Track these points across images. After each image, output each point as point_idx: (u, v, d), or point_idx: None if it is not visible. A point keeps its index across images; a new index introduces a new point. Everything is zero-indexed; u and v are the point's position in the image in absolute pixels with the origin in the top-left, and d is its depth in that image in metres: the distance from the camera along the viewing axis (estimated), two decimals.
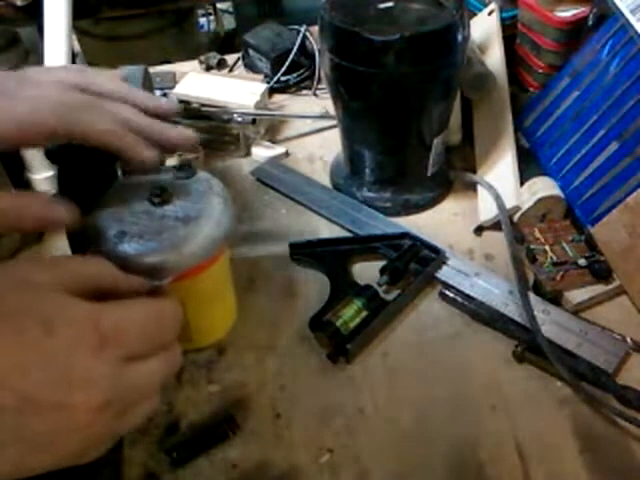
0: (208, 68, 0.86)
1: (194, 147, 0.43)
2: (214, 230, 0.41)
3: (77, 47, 1.54)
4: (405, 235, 0.59)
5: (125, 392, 0.30)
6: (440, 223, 0.63)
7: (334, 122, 0.71)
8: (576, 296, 0.53)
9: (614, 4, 0.57)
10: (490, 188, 0.62)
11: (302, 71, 0.82)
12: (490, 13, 0.74)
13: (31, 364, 0.27)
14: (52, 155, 0.42)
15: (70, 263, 0.32)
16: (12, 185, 0.59)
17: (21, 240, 0.61)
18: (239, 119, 0.70)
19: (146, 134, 0.40)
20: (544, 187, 0.60)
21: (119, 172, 0.45)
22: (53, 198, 0.37)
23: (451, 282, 0.55)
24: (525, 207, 0.59)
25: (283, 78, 0.81)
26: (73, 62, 0.65)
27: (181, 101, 0.72)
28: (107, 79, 0.41)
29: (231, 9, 1.79)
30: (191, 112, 0.71)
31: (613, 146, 0.57)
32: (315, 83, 0.81)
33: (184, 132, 0.43)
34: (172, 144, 0.42)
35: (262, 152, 0.72)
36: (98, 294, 0.31)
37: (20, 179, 0.63)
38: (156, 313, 0.32)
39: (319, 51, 0.78)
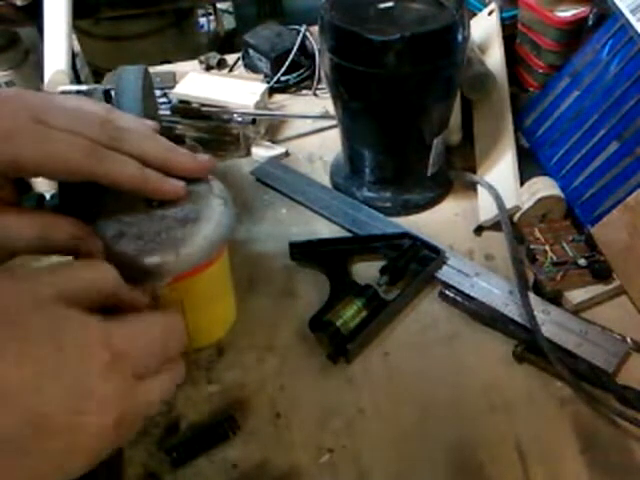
0: (208, 68, 0.86)
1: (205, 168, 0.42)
2: (214, 231, 0.41)
3: (77, 47, 1.54)
4: (405, 235, 0.59)
5: (133, 409, 0.29)
6: (440, 223, 0.63)
7: (334, 122, 0.71)
8: (576, 296, 0.53)
9: (614, 4, 0.57)
10: (490, 188, 0.62)
11: (302, 71, 0.81)
12: (490, 13, 0.74)
13: (44, 380, 0.26)
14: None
15: (71, 271, 0.31)
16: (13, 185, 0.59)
17: None
18: (239, 119, 0.70)
19: (166, 169, 0.40)
20: (544, 187, 0.60)
21: None
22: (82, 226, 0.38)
23: (451, 282, 0.55)
24: (525, 207, 0.59)
25: (283, 78, 0.81)
26: (73, 62, 0.65)
27: (181, 101, 0.72)
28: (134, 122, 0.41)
29: (231, 9, 1.79)
30: (191, 112, 0.71)
31: (613, 146, 0.57)
32: (315, 83, 0.81)
33: (202, 161, 0.42)
34: (191, 174, 0.41)
35: (262, 152, 0.72)
36: (101, 302, 0.31)
37: (20, 179, 0.63)
38: (164, 327, 0.33)
39: (319, 51, 0.78)
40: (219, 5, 1.81)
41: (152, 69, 0.76)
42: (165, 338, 0.32)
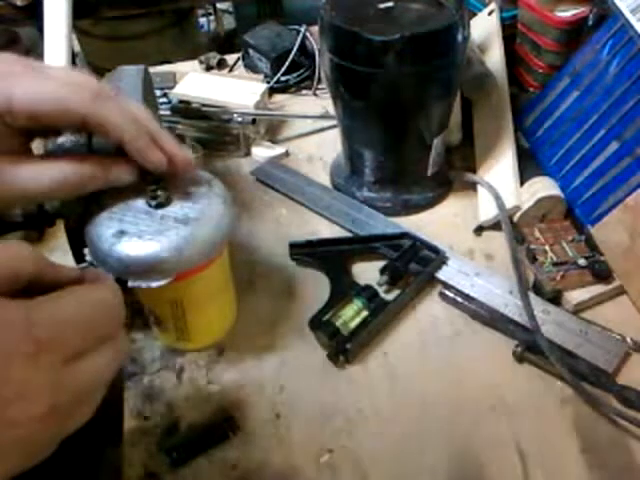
0: (208, 68, 0.86)
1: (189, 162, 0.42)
2: (214, 231, 0.41)
3: (77, 47, 1.54)
4: (405, 235, 0.59)
5: (69, 395, 0.27)
6: (440, 223, 0.63)
7: (334, 122, 0.71)
8: (576, 296, 0.53)
9: (614, 4, 0.57)
10: (490, 188, 0.62)
11: (302, 71, 0.82)
12: (490, 13, 0.74)
13: None
14: (52, 154, 0.42)
15: None
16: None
17: (21, 239, 0.61)
18: (239, 119, 0.70)
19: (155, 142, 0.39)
20: (544, 187, 0.60)
21: None
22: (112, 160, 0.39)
23: (451, 282, 0.55)
24: (525, 207, 0.59)
25: (283, 78, 0.81)
26: (73, 62, 0.65)
27: (181, 101, 0.72)
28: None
29: (231, 9, 1.80)
30: (191, 112, 0.71)
31: (613, 146, 0.57)
32: (315, 83, 0.81)
33: (188, 156, 0.42)
34: (173, 162, 0.40)
35: (262, 152, 0.72)
36: (20, 286, 0.29)
37: None
38: (95, 302, 0.29)
39: (319, 51, 0.78)
40: (219, 5, 1.82)
41: (152, 69, 0.76)
42: (97, 314, 0.29)
